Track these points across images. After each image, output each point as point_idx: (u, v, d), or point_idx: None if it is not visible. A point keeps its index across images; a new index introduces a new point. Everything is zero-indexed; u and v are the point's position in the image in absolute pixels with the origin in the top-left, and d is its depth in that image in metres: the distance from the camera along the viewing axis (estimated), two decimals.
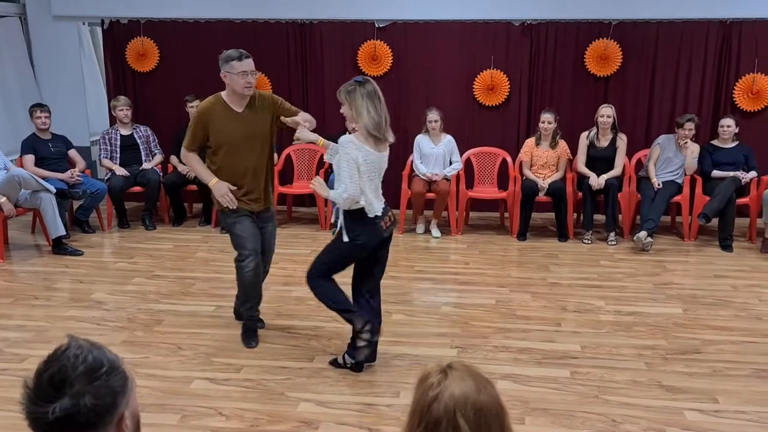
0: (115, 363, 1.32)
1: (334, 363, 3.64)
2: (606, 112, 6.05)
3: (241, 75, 3.59)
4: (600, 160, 6.10)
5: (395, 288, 4.84)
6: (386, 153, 3.43)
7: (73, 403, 1.23)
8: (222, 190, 3.72)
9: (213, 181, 3.76)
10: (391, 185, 6.57)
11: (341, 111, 3.38)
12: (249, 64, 3.61)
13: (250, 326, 3.96)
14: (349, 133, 3.71)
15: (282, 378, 3.53)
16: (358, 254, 3.45)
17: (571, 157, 6.29)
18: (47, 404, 1.23)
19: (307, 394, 3.36)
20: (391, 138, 3.37)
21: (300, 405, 3.26)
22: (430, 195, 6.23)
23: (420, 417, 1.37)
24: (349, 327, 3.59)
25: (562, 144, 6.19)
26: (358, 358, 3.52)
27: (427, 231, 6.38)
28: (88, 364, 1.27)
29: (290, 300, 4.64)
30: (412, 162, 6.37)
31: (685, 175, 6.10)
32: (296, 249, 5.83)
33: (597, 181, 5.94)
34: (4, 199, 5.41)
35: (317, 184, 3.49)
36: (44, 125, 6.19)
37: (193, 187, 6.62)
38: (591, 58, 6.68)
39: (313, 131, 3.79)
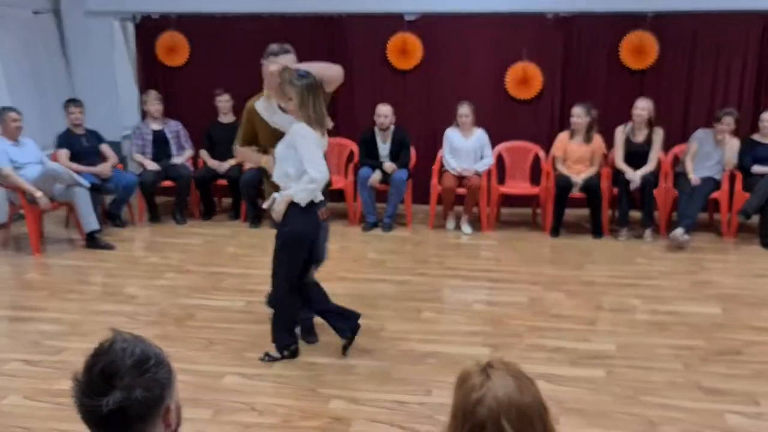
0: (160, 356, 1.36)
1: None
2: (641, 105, 5.93)
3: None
4: (636, 155, 5.97)
5: (425, 285, 4.80)
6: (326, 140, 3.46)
7: (125, 396, 1.27)
8: None
9: (264, 159, 3.65)
10: (421, 180, 6.58)
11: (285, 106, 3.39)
12: (287, 60, 3.51)
13: (307, 324, 3.94)
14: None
15: (313, 374, 3.52)
16: (303, 244, 3.46)
17: (606, 152, 6.17)
18: (100, 397, 1.27)
19: (338, 391, 3.34)
20: (330, 124, 3.45)
21: (331, 401, 3.24)
22: (461, 190, 6.16)
23: (464, 420, 1.36)
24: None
25: (597, 138, 6.07)
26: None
27: (458, 227, 6.32)
28: (137, 357, 1.32)
29: None
30: (442, 156, 6.31)
31: (724, 170, 5.94)
32: None
33: (634, 179, 5.80)
34: (40, 193, 5.48)
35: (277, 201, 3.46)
36: (78, 121, 6.25)
37: (223, 181, 6.65)
38: (626, 50, 6.54)
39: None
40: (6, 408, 3.20)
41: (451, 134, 6.22)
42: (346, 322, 3.64)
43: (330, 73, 3.50)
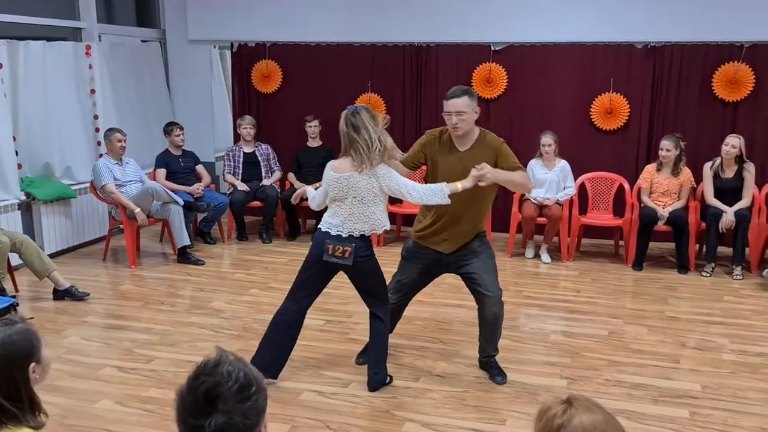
0: (260, 383, 1.41)
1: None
2: (731, 142, 5.71)
3: (446, 115, 3.49)
4: (725, 192, 5.76)
5: None
6: (347, 174, 3.40)
7: (226, 419, 1.33)
8: None
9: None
10: (501, 208, 6.57)
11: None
12: (451, 105, 3.44)
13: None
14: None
15: (388, 396, 3.57)
16: (309, 262, 3.55)
17: (695, 185, 5.99)
18: (203, 417, 1.33)
19: (412, 414, 3.38)
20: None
21: (405, 425, 3.29)
22: (541, 219, 6.12)
23: None
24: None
25: (686, 171, 5.90)
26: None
27: (537, 256, 6.26)
28: (241, 382, 1.36)
29: None
30: None
31: None
32: None
33: (726, 222, 5.60)
34: (138, 209, 5.84)
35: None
36: (182, 143, 6.63)
37: (308, 203, 6.84)
38: (719, 82, 6.34)
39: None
40: (98, 411, 3.41)
41: (535, 165, 6.19)
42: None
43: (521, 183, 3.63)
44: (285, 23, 7.27)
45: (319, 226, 3.55)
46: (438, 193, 3.38)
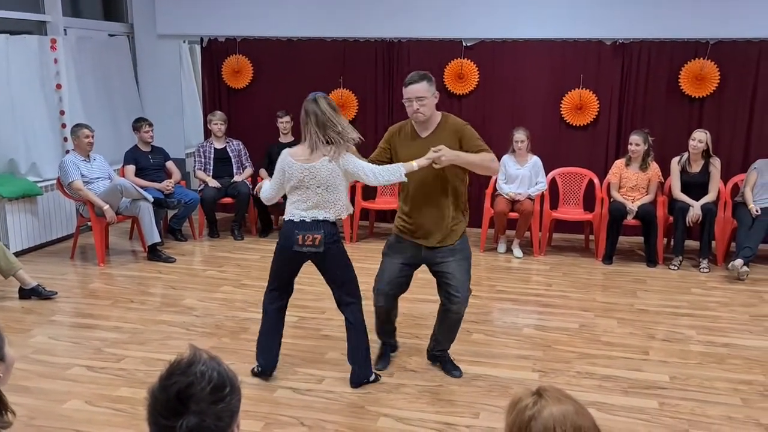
0: (235, 384, 1.39)
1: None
2: (698, 137, 5.82)
3: (406, 102, 3.47)
4: (693, 186, 5.87)
5: (475, 307, 4.81)
6: (312, 164, 3.40)
7: (198, 421, 1.30)
8: None
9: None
10: (473, 203, 6.61)
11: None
12: (410, 91, 3.43)
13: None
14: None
15: (362, 392, 3.57)
16: (278, 254, 3.56)
17: (663, 180, 6.09)
18: (175, 418, 1.30)
19: (386, 409, 3.39)
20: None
21: (380, 420, 3.29)
22: (513, 214, 6.17)
23: None
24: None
25: (654, 166, 6.00)
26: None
27: (509, 251, 6.31)
28: (215, 383, 1.34)
29: (371, 315, 4.66)
30: (495, 181, 6.33)
31: None
32: (378, 264, 5.87)
33: (692, 216, 5.70)
34: (107, 206, 5.75)
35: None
36: (151, 139, 6.54)
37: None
38: (686, 78, 6.46)
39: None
40: (67, 412, 3.35)
41: (507, 161, 6.24)
42: None
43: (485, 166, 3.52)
44: (256, 18, 7.21)
45: (283, 218, 3.53)
46: (395, 172, 3.39)
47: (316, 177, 3.38)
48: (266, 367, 3.70)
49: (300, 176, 3.41)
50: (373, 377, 3.66)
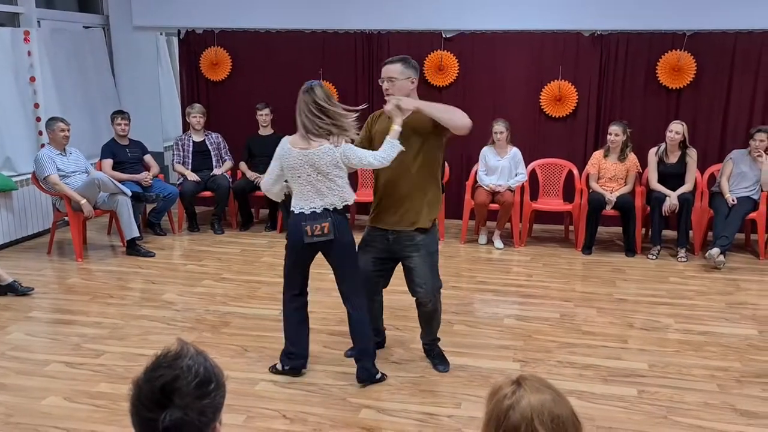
0: (220, 380, 1.37)
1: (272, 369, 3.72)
2: (675, 129, 5.88)
3: (380, 82, 3.51)
4: (670, 176, 5.93)
5: (457, 298, 4.83)
6: (310, 150, 3.36)
7: (181, 415, 1.29)
8: None
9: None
10: (454, 195, 6.63)
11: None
12: (384, 71, 3.46)
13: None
14: None
15: (344, 384, 3.57)
16: (291, 249, 3.49)
17: (641, 171, 6.15)
18: (158, 410, 1.29)
19: (368, 401, 3.39)
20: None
21: (362, 411, 3.29)
22: (494, 206, 6.19)
23: (497, 425, 1.37)
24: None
25: (632, 157, 6.05)
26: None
27: (490, 242, 6.34)
28: (200, 378, 1.32)
29: None
30: (476, 173, 6.35)
31: (762, 191, 5.86)
32: None
33: (672, 201, 5.77)
34: (84, 200, 5.68)
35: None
36: (124, 132, 6.46)
37: (261, 193, 6.78)
38: (663, 69, 6.51)
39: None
40: (45, 409, 3.32)
41: (487, 153, 6.25)
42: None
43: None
44: (234, 9, 7.14)
45: (291, 210, 3.46)
46: (391, 147, 3.34)
47: (314, 164, 3.34)
48: (298, 360, 3.65)
49: (297, 163, 3.37)
50: (379, 375, 3.59)
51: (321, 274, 5.20)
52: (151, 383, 1.31)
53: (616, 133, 5.98)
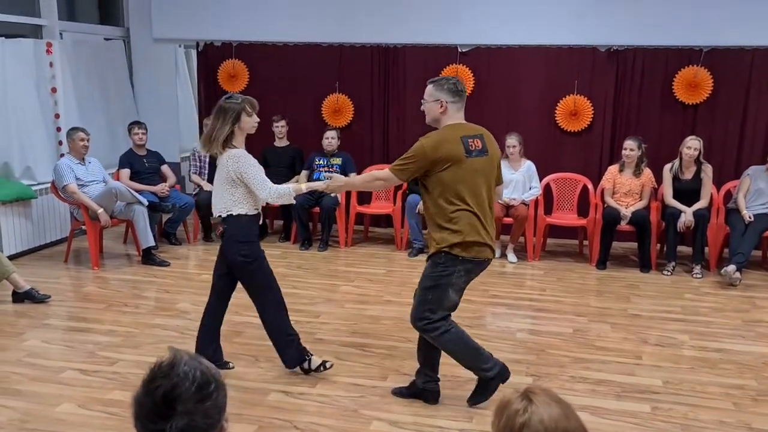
0: (219, 380, 1.38)
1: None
2: (692, 145, 5.85)
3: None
4: (685, 192, 5.90)
5: (469, 312, 4.82)
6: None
7: (187, 421, 1.30)
8: None
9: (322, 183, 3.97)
10: None
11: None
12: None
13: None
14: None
15: (356, 395, 3.57)
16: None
17: (656, 186, 6.12)
18: (163, 421, 1.30)
19: (380, 413, 3.39)
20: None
21: (373, 424, 3.29)
22: (507, 219, 6.18)
23: None
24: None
25: (647, 172, 6.03)
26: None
27: (503, 255, 6.32)
28: (199, 382, 1.33)
29: (365, 318, 4.70)
30: None
31: None
32: (372, 268, 5.90)
33: (684, 222, 5.73)
34: (101, 210, 5.74)
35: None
36: (141, 141, 6.53)
37: (275, 204, 6.82)
38: (680, 85, 6.50)
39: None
40: (60, 415, 3.34)
41: (501, 166, 6.23)
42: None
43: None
44: (252, 23, 7.23)
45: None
46: (285, 195, 3.64)
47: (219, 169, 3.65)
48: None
49: None
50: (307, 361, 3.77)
51: (334, 285, 5.24)
52: (152, 395, 1.32)
53: (631, 148, 5.96)
